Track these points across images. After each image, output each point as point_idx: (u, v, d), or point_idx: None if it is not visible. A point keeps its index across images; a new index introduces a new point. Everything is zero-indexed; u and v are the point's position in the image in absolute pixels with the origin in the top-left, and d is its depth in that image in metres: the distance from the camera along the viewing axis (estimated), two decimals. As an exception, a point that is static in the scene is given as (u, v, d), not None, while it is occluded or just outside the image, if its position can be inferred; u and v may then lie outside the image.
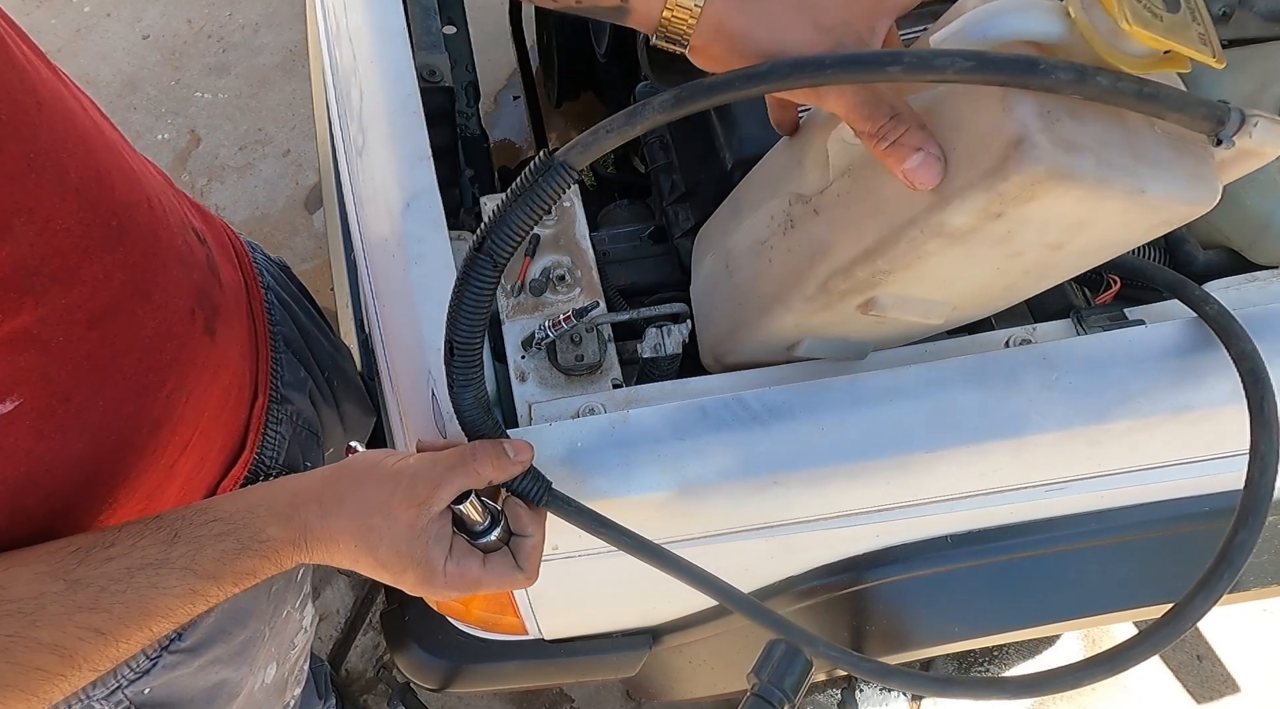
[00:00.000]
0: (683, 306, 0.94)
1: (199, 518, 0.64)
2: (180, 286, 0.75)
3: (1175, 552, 1.03)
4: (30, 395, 0.61)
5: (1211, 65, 0.56)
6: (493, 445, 0.69)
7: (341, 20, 1.04)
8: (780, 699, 0.69)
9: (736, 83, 0.55)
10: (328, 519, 0.65)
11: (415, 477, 0.65)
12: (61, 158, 0.62)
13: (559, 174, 0.60)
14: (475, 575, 0.68)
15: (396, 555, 0.65)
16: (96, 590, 0.59)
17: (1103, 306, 0.93)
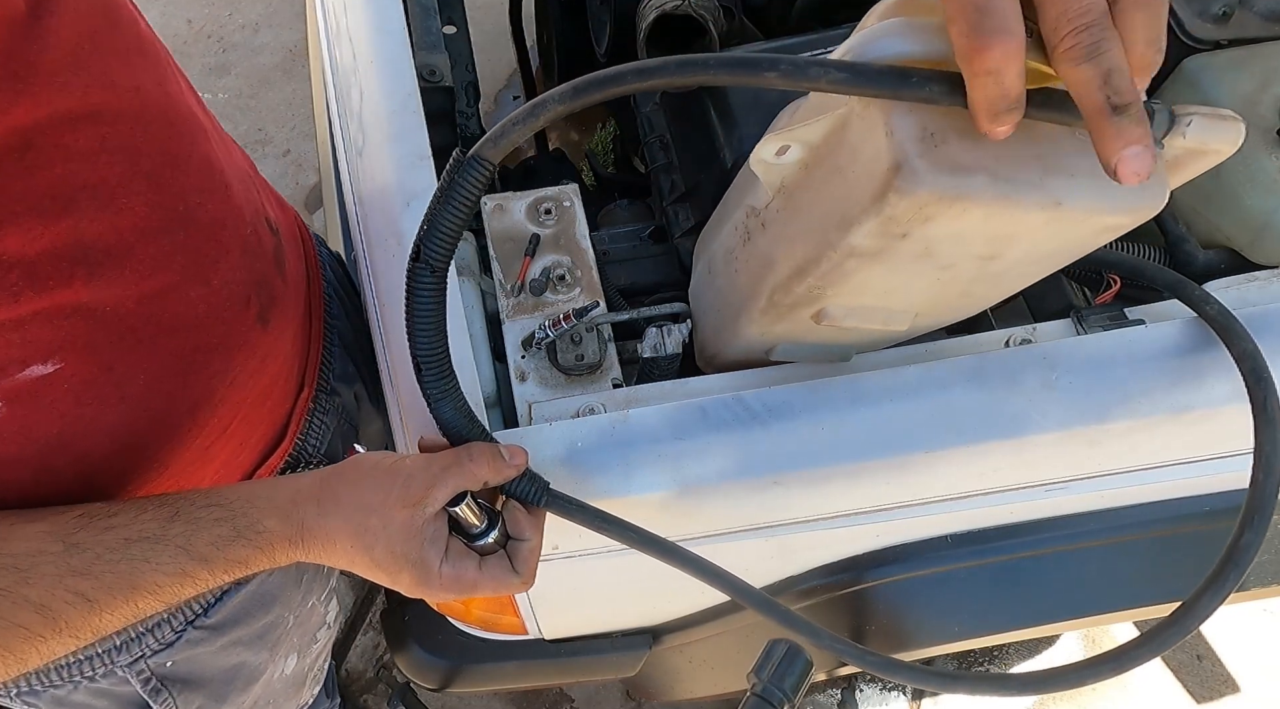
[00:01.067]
0: (683, 306, 0.94)
1: (200, 500, 0.65)
2: (239, 275, 0.75)
3: (1175, 552, 1.03)
4: (72, 361, 0.62)
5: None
6: (489, 447, 0.69)
7: (341, 20, 1.04)
8: (780, 699, 0.69)
9: (628, 76, 0.55)
10: (325, 518, 0.65)
11: (411, 476, 0.66)
12: (137, 142, 0.63)
13: (473, 168, 0.63)
14: (471, 578, 0.68)
15: (392, 556, 0.65)
16: (92, 556, 0.60)
17: (1103, 306, 0.93)
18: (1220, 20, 1.17)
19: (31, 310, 0.58)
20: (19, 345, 0.59)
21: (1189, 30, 1.17)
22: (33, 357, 0.60)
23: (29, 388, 0.61)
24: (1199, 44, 1.17)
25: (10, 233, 0.55)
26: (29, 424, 0.63)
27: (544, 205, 1.00)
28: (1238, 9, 1.17)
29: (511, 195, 1.01)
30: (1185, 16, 1.18)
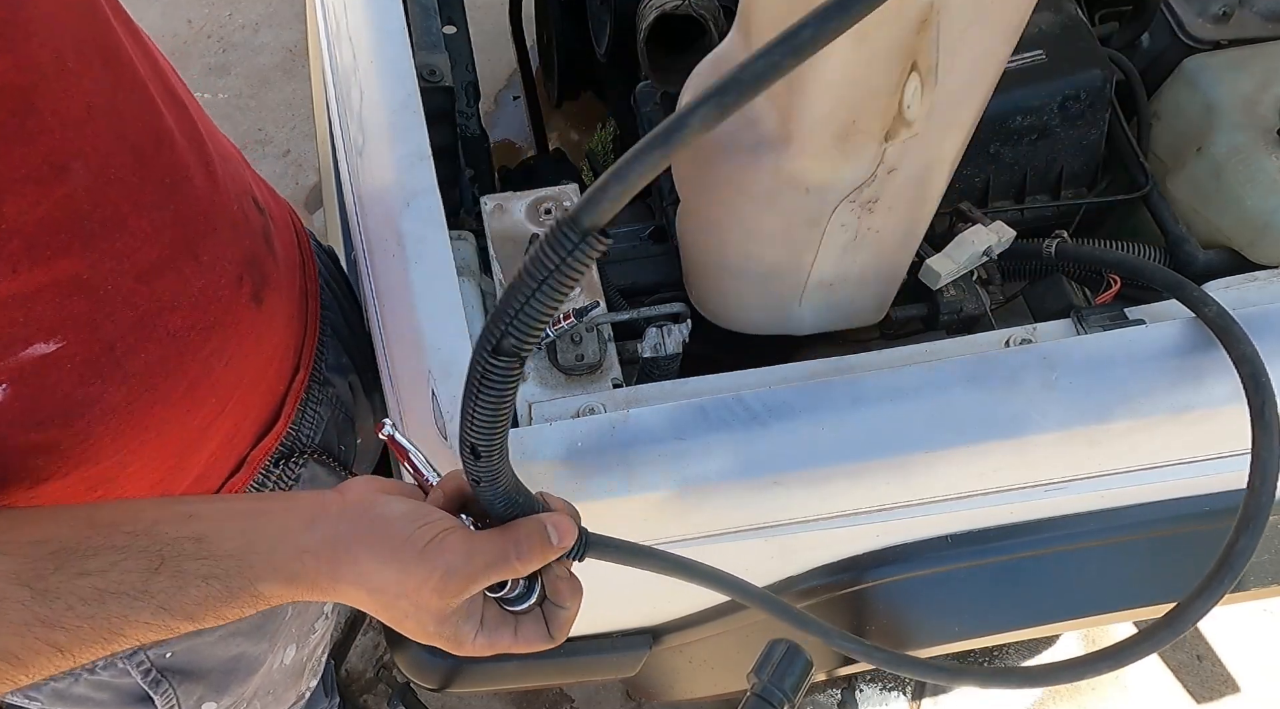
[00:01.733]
0: (683, 306, 0.94)
1: (191, 549, 0.59)
2: (230, 251, 0.75)
3: (1175, 552, 1.03)
4: (74, 339, 0.62)
5: None
6: (539, 538, 0.63)
7: (341, 20, 1.04)
8: (780, 699, 0.69)
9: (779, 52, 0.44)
10: (342, 585, 0.60)
11: (450, 571, 0.60)
12: (122, 112, 0.63)
13: (589, 245, 0.48)
14: (505, 644, 0.64)
15: (424, 633, 0.62)
16: (64, 607, 0.55)
17: (1103, 306, 0.93)
18: (1220, 20, 1.17)
19: (33, 285, 0.59)
20: (22, 323, 0.59)
21: (1189, 30, 1.17)
22: (35, 335, 0.60)
23: (32, 366, 0.61)
24: (1199, 44, 1.17)
25: (9, 199, 0.56)
26: (33, 404, 0.62)
27: (544, 205, 1.00)
28: (1238, 9, 1.17)
29: (512, 195, 1.01)
30: (1185, 16, 1.18)
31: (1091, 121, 1.12)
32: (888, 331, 1.07)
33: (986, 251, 1.00)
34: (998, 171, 1.13)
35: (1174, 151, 1.16)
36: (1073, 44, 1.10)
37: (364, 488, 0.65)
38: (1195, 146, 1.12)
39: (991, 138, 1.10)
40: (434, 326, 0.84)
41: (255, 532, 0.60)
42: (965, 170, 1.12)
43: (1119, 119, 1.17)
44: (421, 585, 0.59)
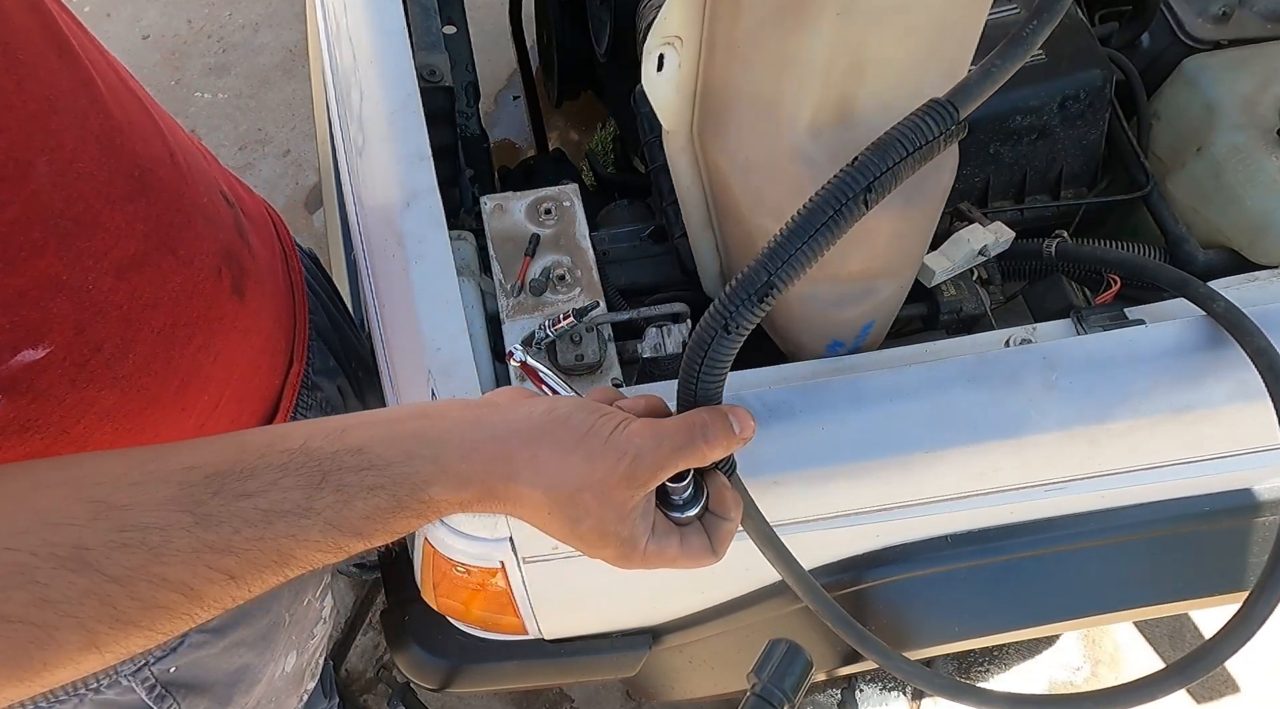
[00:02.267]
0: (683, 306, 0.94)
1: (350, 461, 0.55)
2: (205, 244, 0.73)
3: (1175, 552, 1.03)
4: (62, 343, 0.61)
5: None
6: (723, 423, 0.61)
7: (341, 20, 1.04)
8: (780, 699, 0.69)
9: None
10: (516, 483, 0.57)
11: (639, 456, 0.58)
12: (82, 104, 0.62)
13: (954, 133, 0.55)
14: (672, 555, 0.62)
15: (601, 533, 0.59)
16: (229, 531, 0.52)
17: (1103, 306, 0.93)
18: (1220, 20, 1.17)
19: (13, 288, 0.57)
20: (8, 330, 0.58)
21: (1189, 30, 1.17)
22: (22, 341, 0.59)
23: (24, 375, 0.60)
24: (1199, 44, 1.17)
25: None
26: (28, 414, 0.62)
27: (544, 205, 1.00)
28: (1238, 9, 1.17)
29: (511, 195, 1.01)
30: (1185, 16, 1.18)
31: (1091, 121, 1.12)
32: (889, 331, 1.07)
33: (983, 251, 1.00)
34: (998, 171, 1.13)
35: (1174, 151, 1.16)
36: (1073, 44, 1.10)
37: (516, 392, 0.62)
38: (1195, 146, 1.12)
39: (991, 138, 1.10)
40: (434, 327, 0.84)
41: (417, 437, 0.57)
42: (965, 170, 1.12)
43: (1119, 119, 1.17)
44: (609, 473, 0.57)
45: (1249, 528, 1.02)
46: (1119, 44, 1.22)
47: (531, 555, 0.87)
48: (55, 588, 0.48)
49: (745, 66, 0.76)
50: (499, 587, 0.92)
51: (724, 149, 0.83)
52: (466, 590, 0.96)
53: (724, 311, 0.57)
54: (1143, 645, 1.87)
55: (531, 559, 0.87)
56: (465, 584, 0.95)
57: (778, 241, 0.56)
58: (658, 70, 0.68)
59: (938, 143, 0.56)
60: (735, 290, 0.56)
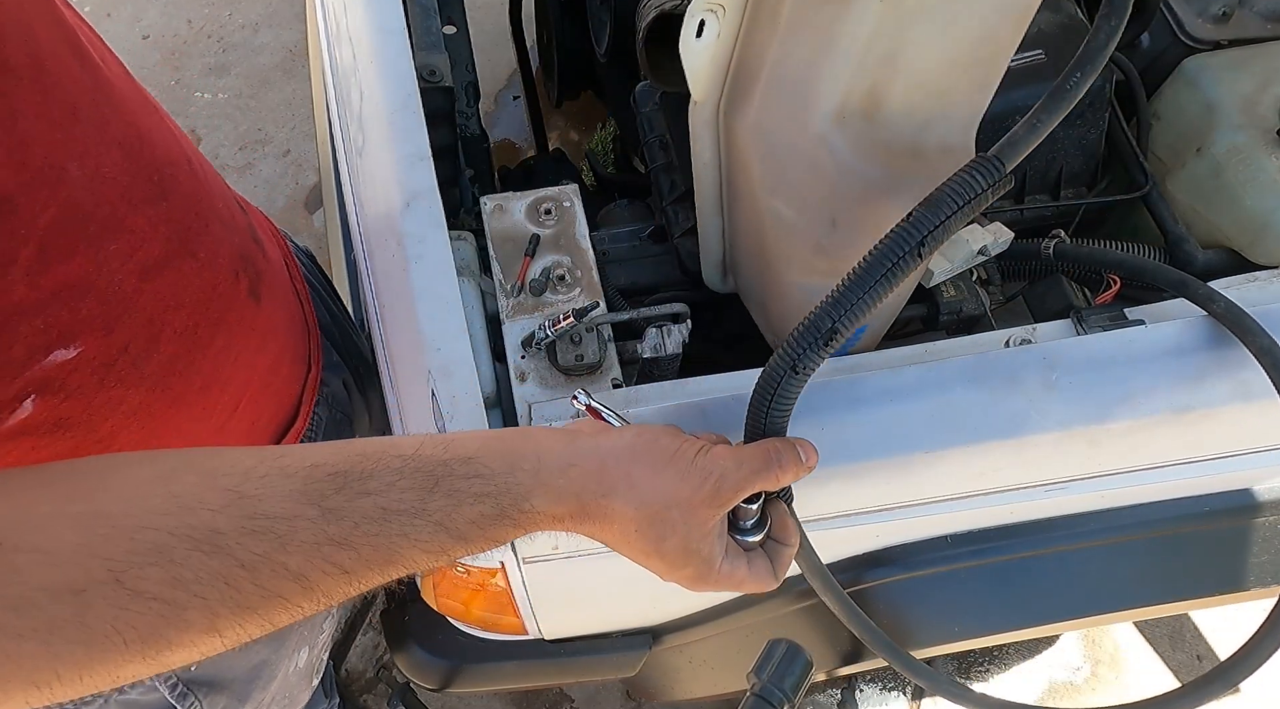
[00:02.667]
0: (683, 306, 0.94)
1: (461, 469, 0.59)
2: (223, 247, 0.76)
3: (1175, 552, 1.03)
4: (90, 343, 0.63)
5: None
6: (792, 451, 0.67)
7: (341, 20, 1.04)
8: (780, 699, 0.69)
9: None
10: (610, 499, 0.61)
11: (724, 477, 0.62)
12: (103, 112, 0.64)
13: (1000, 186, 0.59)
14: (741, 577, 0.66)
15: (684, 551, 0.63)
16: (350, 526, 0.55)
17: (1103, 306, 0.93)
18: (1220, 20, 1.17)
19: (48, 290, 0.60)
20: (41, 331, 0.60)
21: (1189, 30, 1.17)
22: (55, 342, 0.61)
23: (56, 374, 0.62)
24: (1199, 44, 1.17)
25: (23, 203, 0.57)
26: (59, 413, 0.63)
27: (544, 205, 1.00)
28: (1238, 9, 1.17)
29: (511, 195, 1.01)
30: (1185, 16, 1.18)
31: (1091, 121, 1.12)
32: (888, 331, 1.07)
33: (982, 251, 1.00)
34: (998, 171, 1.13)
35: (1174, 151, 1.16)
36: (1073, 44, 1.10)
37: (595, 423, 0.67)
38: (1195, 146, 1.12)
39: (991, 138, 1.10)
40: (434, 327, 0.84)
41: (519, 452, 0.60)
42: (965, 170, 1.12)
43: (1119, 119, 1.17)
44: (696, 491, 0.61)
45: (1249, 528, 1.02)
46: (1119, 44, 1.22)
47: (531, 555, 0.87)
48: (188, 568, 0.50)
49: (785, 41, 0.76)
50: (499, 587, 0.92)
51: (749, 125, 0.84)
52: (466, 590, 0.96)
53: (791, 354, 0.63)
54: (1143, 645, 1.87)
55: (531, 559, 0.87)
56: (465, 584, 0.95)
57: (841, 290, 0.61)
58: (697, 37, 0.68)
59: (985, 196, 0.60)
60: (802, 334, 0.62)
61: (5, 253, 0.56)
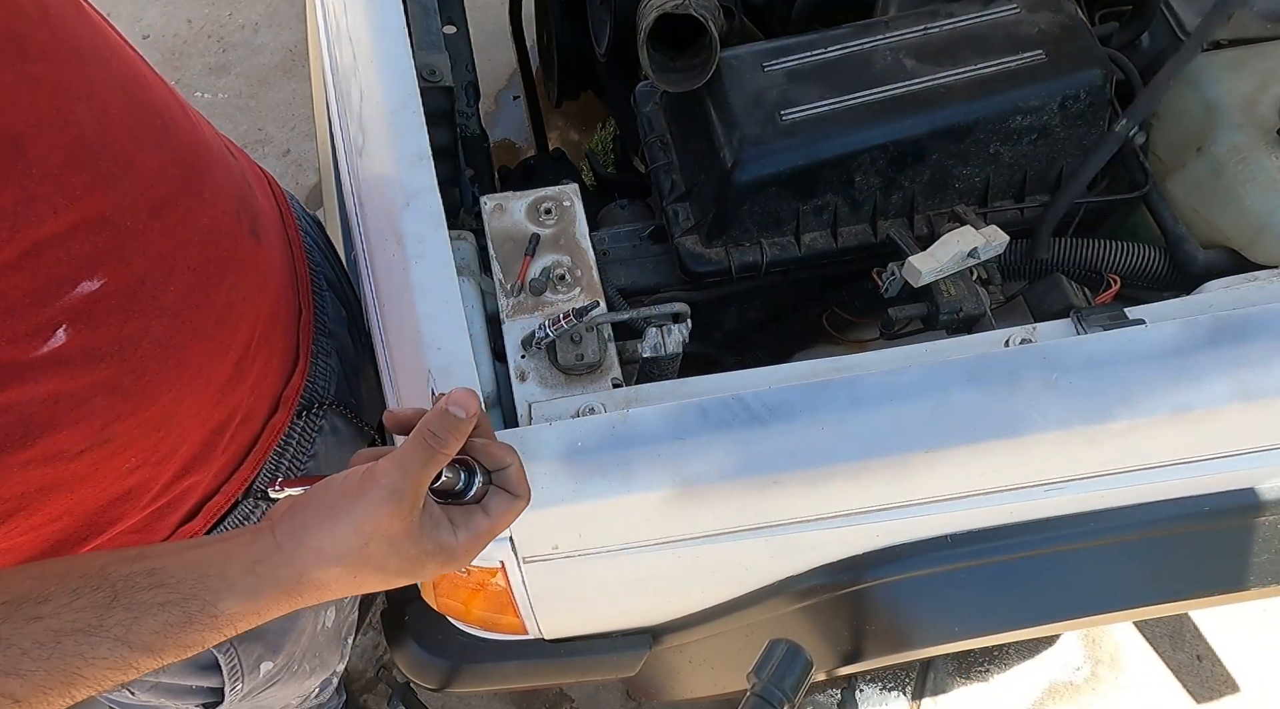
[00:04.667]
0: (683, 306, 0.94)
1: (144, 581, 0.59)
2: (225, 187, 0.80)
3: (1175, 552, 1.03)
4: (112, 274, 0.66)
5: None
6: (442, 418, 0.65)
7: (341, 20, 1.04)
8: (780, 699, 0.69)
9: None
10: (308, 571, 0.62)
11: (394, 489, 0.62)
12: (104, 54, 0.68)
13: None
14: (486, 528, 0.66)
15: (409, 561, 0.63)
16: (18, 653, 0.55)
17: (1103, 306, 0.93)
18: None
19: (68, 224, 0.63)
20: (67, 263, 0.63)
21: (1189, 30, 1.17)
22: (81, 273, 0.64)
23: (85, 305, 0.65)
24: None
25: (30, 144, 0.59)
26: (90, 341, 0.66)
27: (544, 205, 1.00)
28: (1238, 9, 1.17)
29: (511, 195, 1.01)
30: (1185, 16, 1.18)
31: (1091, 121, 1.12)
32: (888, 332, 1.07)
33: (973, 253, 1.00)
34: (998, 171, 1.13)
35: (1174, 151, 1.16)
36: (1073, 44, 1.10)
37: (290, 504, 0.67)
38: (1195, 146, 1.12)
39: (991, 138, 1.10)
40: (434, 326, 0.84)
41: (204, 558, 0.62)
42: (965, 170, 1.12)
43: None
44: (376, 517, 0.61)
45: (1249, 528, 1.02)
46: (1119, 44, 1.22)
47: (531, 555, 0.87)
48: None
49: None
50: (499, 586, 0.92)
51: None
52: (466, 590, 0.96)
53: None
54: (1143, 645, 1.87)
55: (531, 559, 0.87)
56: (465, 584, 0.95)
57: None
58: None
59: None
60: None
61: (25, 190, 0.59)
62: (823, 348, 1.24)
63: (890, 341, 1.09)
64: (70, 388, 0.66)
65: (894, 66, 1.10)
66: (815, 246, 1.13)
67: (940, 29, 1.12)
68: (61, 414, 0.66)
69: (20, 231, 0.59)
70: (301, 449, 0.90)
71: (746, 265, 1.13)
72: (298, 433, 0.90)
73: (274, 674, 0.99)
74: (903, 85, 1.08)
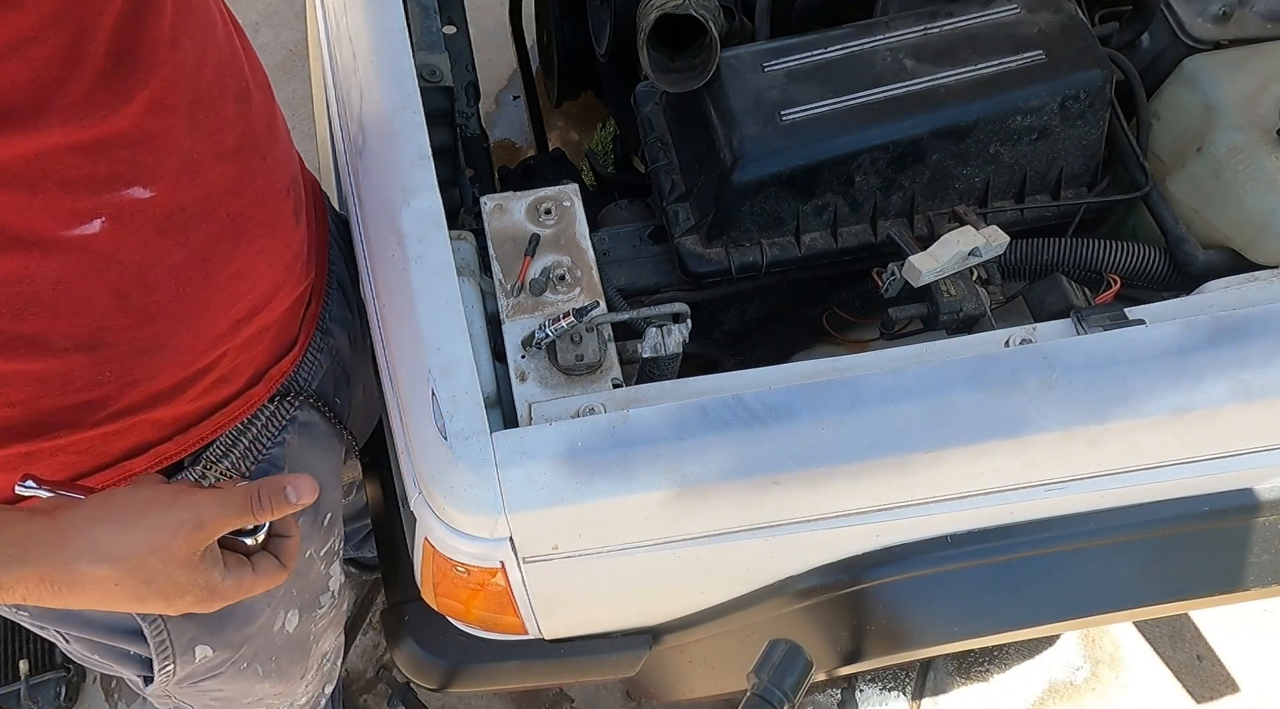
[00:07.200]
0: (683, 306, 0.94)
1: None
2: (284, 164, 0.85)
3: (1175, 552, 1.03)
4: (162, 192, 0.70)
5: None
6: (278, 492, 0.72)
7: (341, 20, 1.04)
8: (780, 699, 0.69)
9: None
10: (75, 564, 0.64)
11: (202, 519, 0.67)
12: (212, 14, 0.75)
13: None
14: (249, 583, 0.72)
15: (176, 587, 0.67)
16: None
17: (1103, 306, 0.93)
18: (1220, 20, 1.17)
19: (146, 132, 0.67)
20: (130, 164, 0.67)
21: (1189, 30, 1.17)
22: (138, 178, 0.68)
23: (129, 207, 0.68)
24: (1199, 44, 1.17)
25: (143, 57, 0.65)
26: (118, 242, 0.68)
27: (544, 205, 1.00)
28: (1238, 9, 1.17)
29: (511, 195, 1.01)
30: (1185, 16, 1.18)
31: (1091, 121, 1.12)
32: (888, 332, 1.07)
33: (974, 253, 1.00)
34: (998, 172, 1.13)
35: (1174, 151, 1.16)
36: (1073, 44, 1.10)
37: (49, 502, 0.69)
38: (1195, 146, 1.12)
39: (991, 138, 1.10)
40: (434, 326, 0.84)
41: None
42: (965, 170, 1.12)
43: (1119, 119, 1.17)
44: (173, 534, 0.65)
45: (1249, 528, 1.02)
46: (1119, 44, 1.22)
47: (531, 555, 0.87)
48: None
49: None
50: (499, 586, 0.92)
51: None
52: (466, 590, 0.96)
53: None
54: (1143, 645, 1.87)
55: (531, 559, 0.87)
56: (465, 584, 0.95)
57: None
58: None
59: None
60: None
61: (125, 93, 0.65)
62: (823, 348, 1.24)
63: (890, 341, 1.09)
64: (81, 279, 0.68)
65: (894, 67, 1.10)
66: (815, 247, 1.13)
67: (940, 29, 1.12)
68: (63, 300, 0.68)
69: (107, 121, 0.64)
70: (266, 433, 0.90)
71: (746, 265, 1.13)
72: (266, 415, 0.90)
73: (214, 664, 0.97)
74: (903, 85, 1.08)
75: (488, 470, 0.80)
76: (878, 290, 1.06)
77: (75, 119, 0.62)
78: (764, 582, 1.00)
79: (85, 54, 0.62)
